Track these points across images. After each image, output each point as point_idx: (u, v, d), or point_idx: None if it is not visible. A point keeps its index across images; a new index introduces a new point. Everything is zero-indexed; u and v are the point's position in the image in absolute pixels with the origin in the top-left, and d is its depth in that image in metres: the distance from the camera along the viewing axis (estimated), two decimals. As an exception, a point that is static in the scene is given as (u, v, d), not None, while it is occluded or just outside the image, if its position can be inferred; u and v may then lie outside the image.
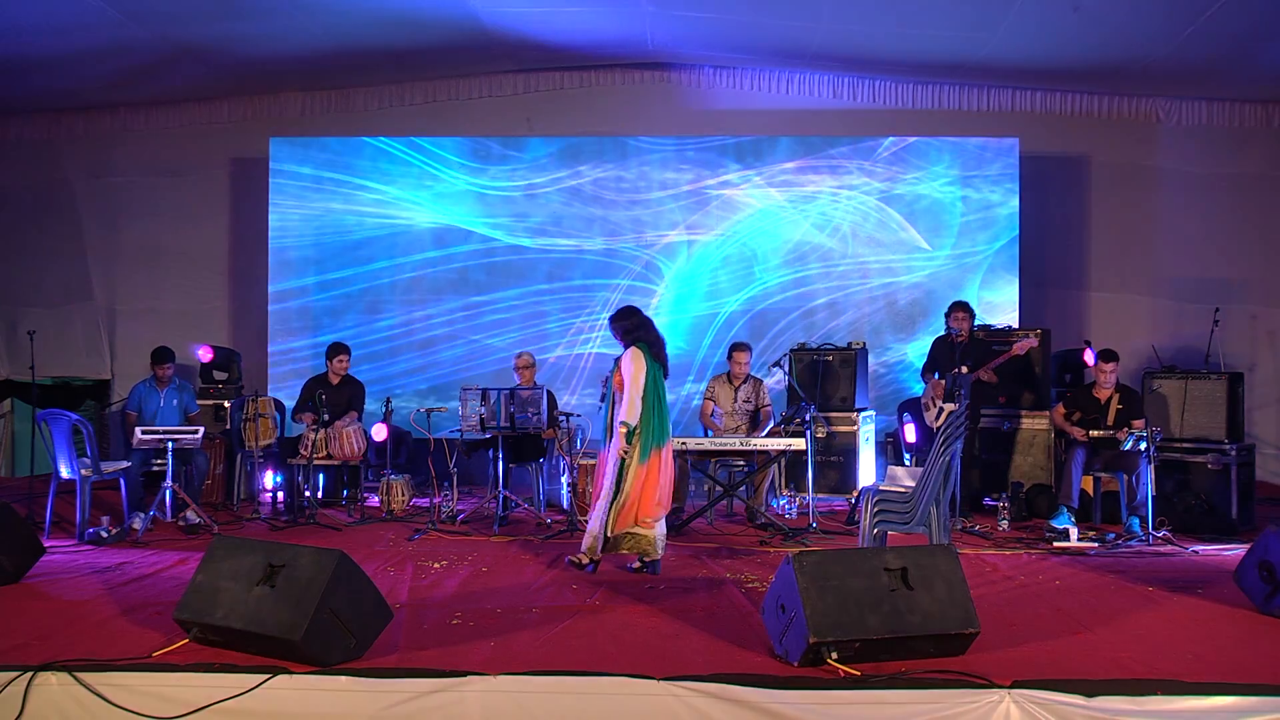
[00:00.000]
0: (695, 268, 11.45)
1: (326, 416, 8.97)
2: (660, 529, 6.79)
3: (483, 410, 8.59)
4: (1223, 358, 10.02)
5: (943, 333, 9.38)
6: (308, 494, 8.92)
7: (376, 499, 9.45)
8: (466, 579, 6.62)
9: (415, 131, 11.71)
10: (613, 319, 6.97)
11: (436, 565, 7.01)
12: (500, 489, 8.60)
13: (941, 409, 8.87)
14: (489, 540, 7.93)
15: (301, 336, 11.41)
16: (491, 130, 11.75)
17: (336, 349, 9.66)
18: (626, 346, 6.81)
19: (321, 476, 9.58)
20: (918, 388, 10.38)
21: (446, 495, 9.19)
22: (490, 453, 8.99)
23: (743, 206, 11.45)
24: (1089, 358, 8.97)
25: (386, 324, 11.46)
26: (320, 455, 9.09)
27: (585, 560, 6.75)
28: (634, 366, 6.74)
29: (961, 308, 9.15)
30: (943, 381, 8.92)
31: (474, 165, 11.51)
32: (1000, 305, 11.18)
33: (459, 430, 8.88)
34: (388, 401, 9.55)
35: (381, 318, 11.46)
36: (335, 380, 9.62)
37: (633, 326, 6.87)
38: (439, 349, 11.44)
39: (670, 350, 11.31)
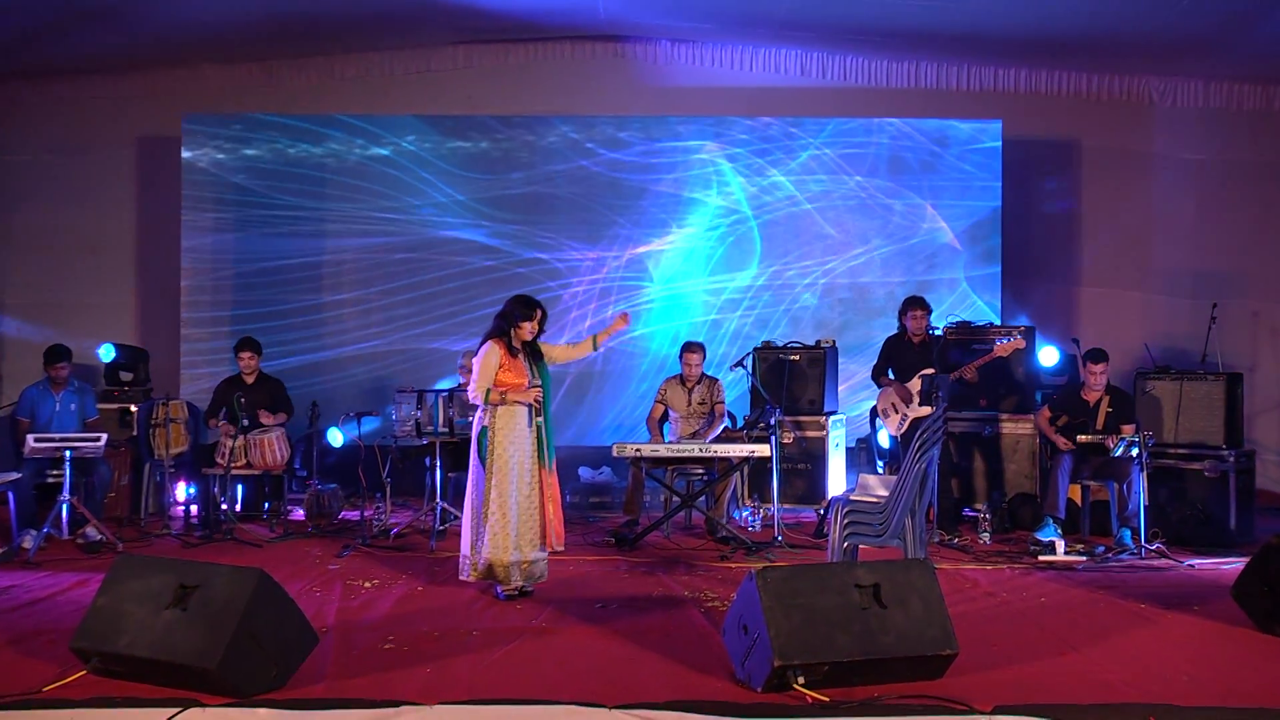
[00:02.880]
0: (650, 256, 11.47)
1: (245, 421, 8.88)
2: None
3: (418, 414, 8.55)
4: (1220, 357, 10.14)
5: (894, 331, 9.43)
6: (224, 507, 8.84)
7: (301, 512, 9.38)
8: (400, 599, 6.59)
9: (345, 108, 11.63)
10: (539, 305, 6.86)
11: (367, 584, 6.98)
12: (438, 500, 8.56)
13: (905, 416, 8.92)
14: (425, 557, 7.90)
15: (219, 334, 11.29)
16: (429, 107, 11.69)
17: (242, 344, 9.60)
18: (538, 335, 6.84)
19: (240, 488, 9.50)
20: None
21: (379, 508, 9.13)
22: (427, 461, 8.94)
23: (704, 190, 11.48)
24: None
25: (316, 319, 11.39)
26: (239, 464, 9.00)
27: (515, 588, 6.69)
28: None
29: (918, 304, 9.19)
30: (915, 384, 8.96)
31: (409, 146, 11.44)
32: (981, 300, 11.28)
33: (393, 436, 8.83)
34: (313, 406, 9.48)
35: (310, 313, 11.38)
36: (249, 379, 9.54)
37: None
38: (373, 347, 11.38)
39: (624, 346, 11.50)
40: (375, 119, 11.50)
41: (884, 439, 9.46)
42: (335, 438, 10.15)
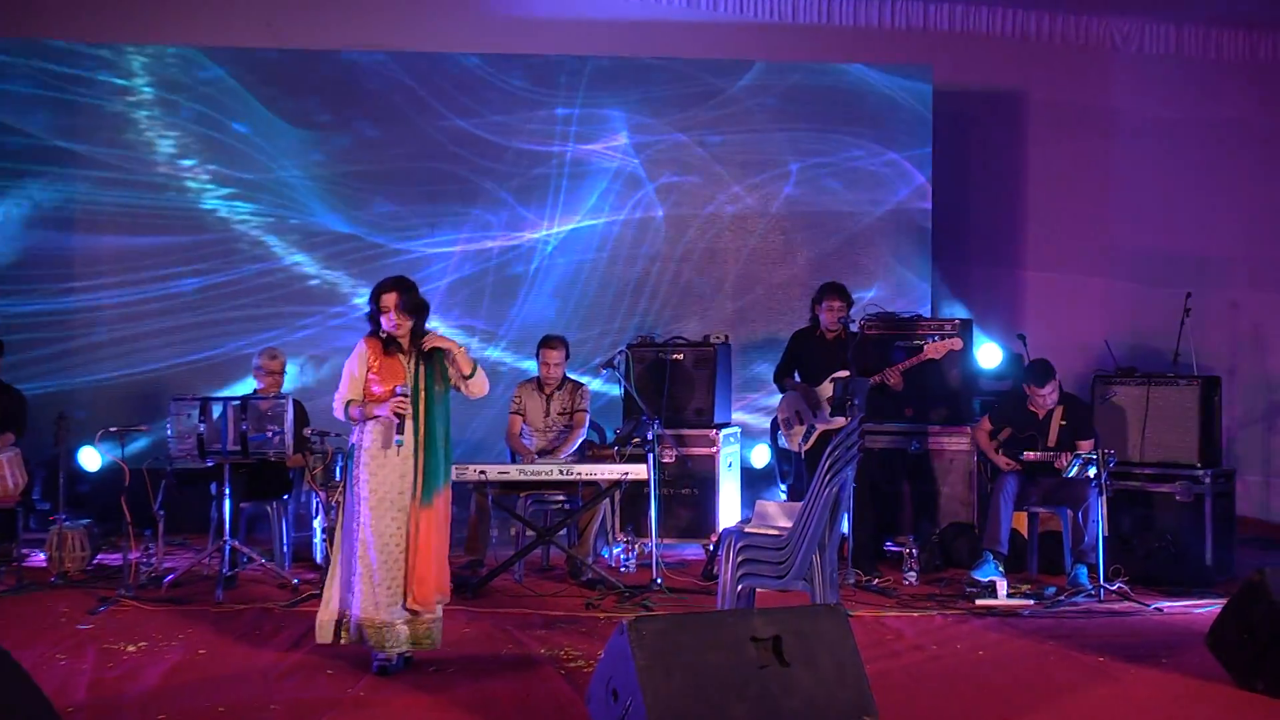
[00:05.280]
0: (506, 232, 11.46)
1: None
2: None
3: (202, 428, 8.39)
4: (1195, 357, 10.37)
5: (804, 325, 9.51)
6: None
7: (43, 556, 9.14)
8: (176, 667, 6.49)
9: (107, 36, 11.36)
10: (413, 289, 6.63)
11: (131, 648, 6.85)
12: (226, 538, 8.41)
13: (813, 428, 9.00)
14: (210, 611, 7.78)
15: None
16: (216, 38, 11.48)
17: None
18: (424, 327, 6.67)
19: (-40, 526, 9.25)
20: None
21: (148, 548, 8.95)
22: (213, 488, 8.78)
23: (572, 147, 11.50)
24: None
25: (64, 304, 11.16)
26: (-41, 495, 8.78)
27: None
28: None
29: (836, 293, 9.27)
30: (826, 389, 9.03)
31: (190, 87, 11.24)
32: (906, 286, 11.45)
33: (167, 457, 8.65)
34: (60, 419, 9.25)
35: (57, 291, 11.15)
36: (-20, 386, 9.33)
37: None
38: (142, 346, 11.18)
39: (481, 343, 11.40)
40: (144, 50, 11.26)
41: (759, 456, 9.51)
42: (89, 459, 9.87)
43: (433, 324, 6.87)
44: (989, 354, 10.55)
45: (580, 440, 9.23)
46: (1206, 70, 12.20)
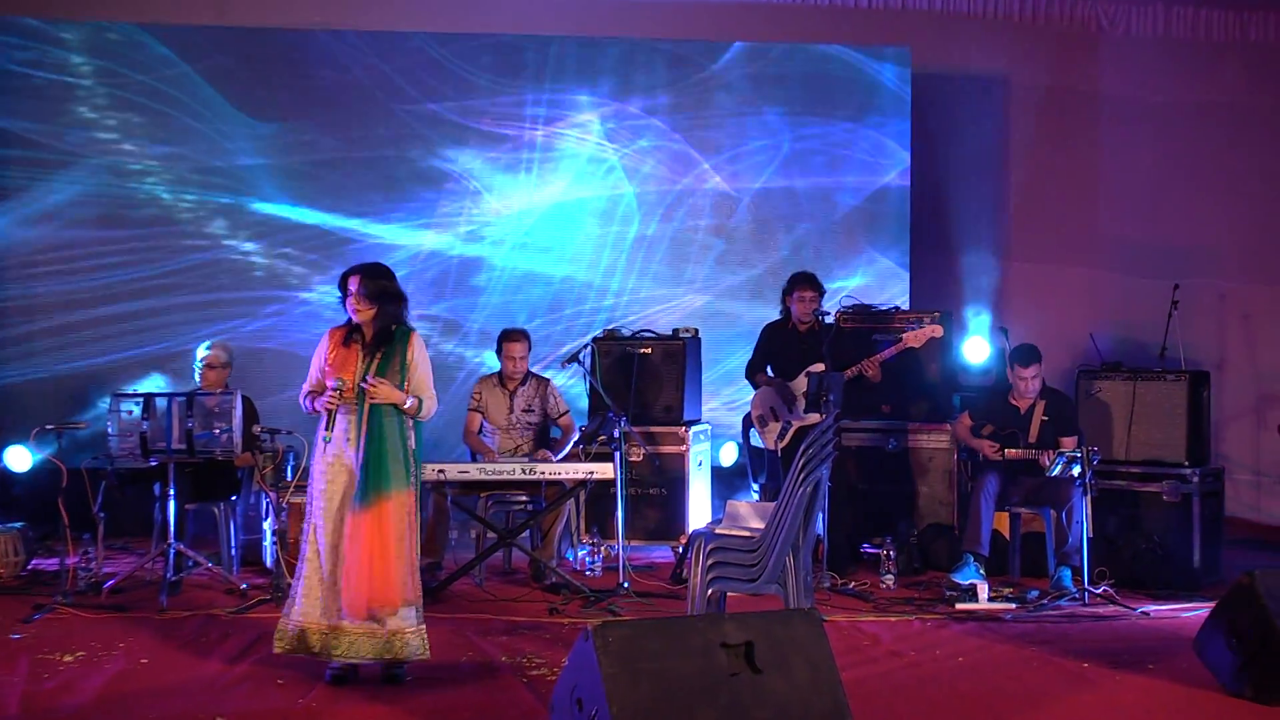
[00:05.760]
0: (470, 219, 11.45)
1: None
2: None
3: (145, 426, 8.33)
4: (1183, 351, 10.41)
5: (775, 318, 9.53)
6: None
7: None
8: (117, 677, 6.45)
9: (42, 11, 11.26)
10: (380, 275, 6.55)
11: (68, 659, 6.80)
12: (171, 540, 8.36)
13: (788, 424, 9.00)
14: (153, 618, 7.73)
15: None
16: (161, 14, 11.41)
17: None
18: (400, 322, 6.58)
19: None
20: None
21: (87, 553, 8.89)
22: (156, 488, 8.73)
23: (541, 130, 11.49)
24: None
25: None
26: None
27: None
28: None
29: (808, 284, 9.27)
30: (800, 383, 9.04)
31: (126, 71, 11.14)
32: (885, 277, 11.47)
33: (108, 456, 8.59)
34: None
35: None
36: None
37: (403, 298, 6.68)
38: (80, 338, 11.10)
39: (445, 341, 11.40)
40: (81, 26, 11.18)
41: (727, 454, 9.50)
42: (18, 459, 9.75)
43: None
44: (975, 348, 10.55)
45: (573, 443, 9.24)
46: (1196, 52, 12.21)
